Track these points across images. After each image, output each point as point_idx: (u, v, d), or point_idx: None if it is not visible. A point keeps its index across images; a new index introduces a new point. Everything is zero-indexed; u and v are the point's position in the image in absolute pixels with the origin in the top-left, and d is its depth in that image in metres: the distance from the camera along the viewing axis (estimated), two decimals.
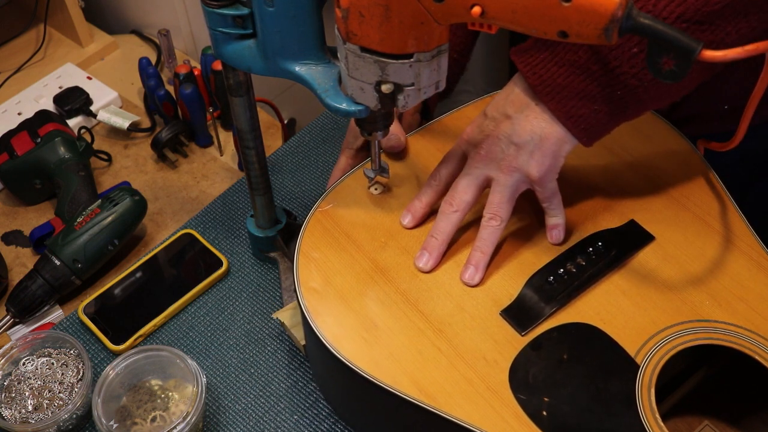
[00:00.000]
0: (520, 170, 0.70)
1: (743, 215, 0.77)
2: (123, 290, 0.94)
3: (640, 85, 0.67)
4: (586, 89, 0.67)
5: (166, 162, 1.11)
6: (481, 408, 0.65)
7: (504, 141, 0.71)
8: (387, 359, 0.68)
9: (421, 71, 0.63)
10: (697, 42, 0.54)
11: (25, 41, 1.28)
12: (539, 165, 0.70)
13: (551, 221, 0.75)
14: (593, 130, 0.70)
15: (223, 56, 0.71)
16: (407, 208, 0.77)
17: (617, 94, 0.68)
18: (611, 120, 0.70)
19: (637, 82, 0.67)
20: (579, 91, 0.67)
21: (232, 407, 0.85)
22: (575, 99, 0.68)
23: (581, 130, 0.69)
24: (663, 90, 0.68)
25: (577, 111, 0.68)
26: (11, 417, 0.82)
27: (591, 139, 0.70)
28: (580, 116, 0.68)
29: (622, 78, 0.66)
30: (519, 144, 0.70)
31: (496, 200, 0.72)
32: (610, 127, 0.70)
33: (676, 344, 0.68)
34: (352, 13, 0.59)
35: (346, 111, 0.68)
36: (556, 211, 0.74)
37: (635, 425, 0.64)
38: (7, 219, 1.06)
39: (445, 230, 0.74)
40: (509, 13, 0.56)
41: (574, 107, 0.68)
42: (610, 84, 0.67)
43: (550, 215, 0.75)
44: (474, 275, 0.73)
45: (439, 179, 0.77)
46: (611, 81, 0.67)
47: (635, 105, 0.69)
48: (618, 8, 0.53)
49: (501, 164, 0.71)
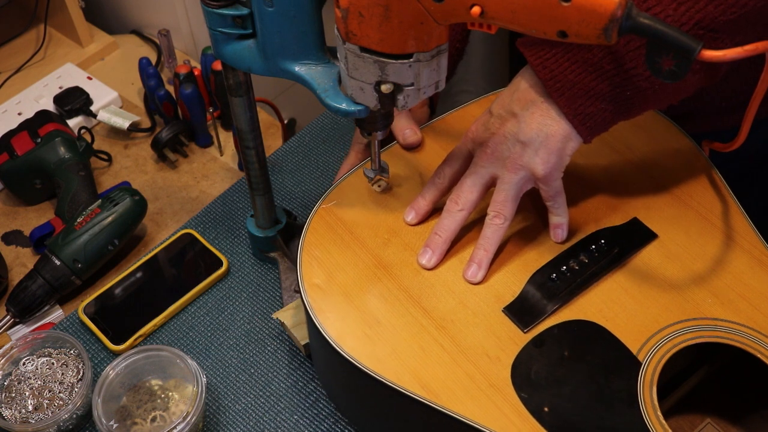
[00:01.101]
0: (525, 168, 0.70)
1: (746, 213, 0.76)
2: (123, 290, 0.93)
3: (650, 87, 0.67)
4: (596, 88, 0.67)
5: (166, 162, 1.11)
6: (483, 405, 0.65)
7: (510, 139, 0.70)
8: (389, 356, 0.68)
9: (420, 71, 0.63)
10: (696, 42, 0.54)
11: (25, 41, 1.28)
12: (545, 162, 0.69)
13: (555, 220, 0.75)
14: (596, 129, 0.70)
15: (223, 56, 0.71)
16: (411, 205, 0.77)
17: (626, 95, 0.67)
18: (614, 119, 0.70)
19: (648, 84, 0.66)
20: (589, 89, 0.67)
21: (232, 407, 0.84)
22: (584, 97, 0.68)
23: (586, 128, 0.69)
24: (668, 92, 0.68)
25: (585, 109, 0.68)
26: (11, 417, 0.81)
27: (592, 136, 0.70)
28: (587, 114, 0.68)
29: (635, 80, 0.66)
30: (525, 142, 0.70)
31: (500, 198, 0.72)
32: (610, 126, 0.70)
33: (678, 342, 0.68)
34: (351, 13, 0.59)
35: (346, 111, 0.68)
36: (560, 210, 0.74)
37: (637, 423, 0.64)
38: (7, 219, 1.05)
39: (450, 228, 0.74)
40: (509, 13, 0.56)
41: (582, 105, 0.68)
42: (622, 84, 0.67)
43: (554, 214, 0.74)
44: (477, 273, 0.73)
45: (443, 177, 0.76)
46: (623, 81, 0.67)
47: (639, 106, 0.69)
48: (617, 8, 0.53)
49: (506, 162, 0.71)
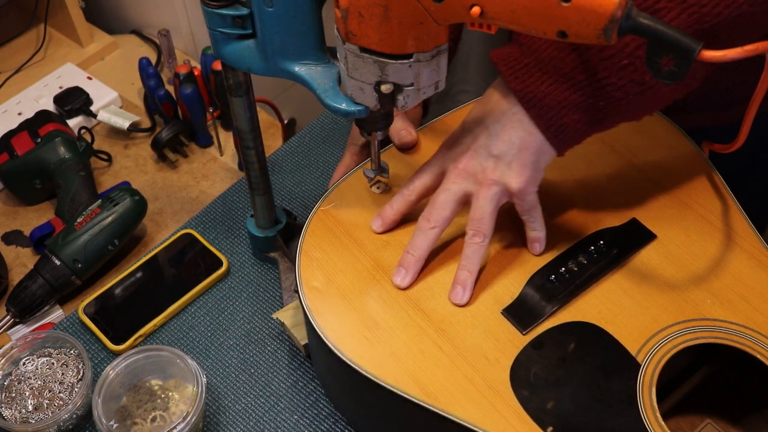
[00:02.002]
0: (498, 183, 0.69)
1: (745, 213, 0.76)
2: (123, 290, 0.93)
3: (624, 98, 0.66)
4: (569, 98, 0.66)
5: (166, 162, 1.11)
6: (483, 407, 0.65)
7: (482, 154, 0.69)
8: (388, 358, 0.68)
9: (420, 71, 0.63)
10: (696, 42, 0.54)
11: (25, 41, 1.28)
12: (519, 176, 0.68)
13: (532, 234, 0.73)
14: (569, 140, 0.69)
15: (223, 56, 0.71)
16: (379, 213, 0.76)
17: (599, 105, 0.67)
18: (587, 130, 0.69)
19: (622, 94, 0.66)
20: (561, 99, 0.66)
21: (232, 407, 0.85)
22: (557, 107, 0.67)
23: (559, 140, 0.68)
24: (644, 103, 0.68)
25: (558, 120, 0.67)
26: (11, 417, 0.82)
27: (564, 149, 0.69)
28: (560, 126, 0.67)
29: (608, 89, 0.66)
30: (497, 155, 0.69)
31: (477, 216, 0.70)
32: (583, 138, 0.69)
33: (677, 343, 0.68)
34: (351, 14, 0.59)
35: (346, 111, 0.68)
36: (536, 223, 0.73)
37: (636, 424, 0.64)
38: (7, 219, 1.05)
39: (422, 247, 0.72)
40: (508, 13, 0.56)
41: (555, 116, 0.67)
42: (594, 95, 0.66)
43: (531, 228, 0.73)
44: (462, 295, 0.71)
45: (412, 191, 0.75)
46: (596, 92, 0.66)
47: (613, 117, 0.68)
48: (617, 8, 0.53)
49: (479, 178, 0.69)
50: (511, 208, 0.73)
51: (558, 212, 0.77)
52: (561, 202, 0.78)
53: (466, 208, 0.72)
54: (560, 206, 0.78)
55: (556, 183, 0.79)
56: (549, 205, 0.75)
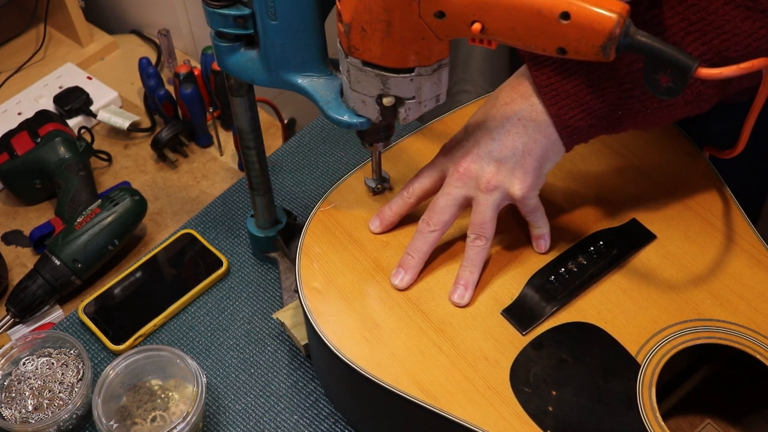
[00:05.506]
0: (500, 188, 0.69)
1: (745, 213, 0.76)
2: (123, 290, 0.94)
3: (642, 111, 0.67)
4: (590, 102, 0.67)
5: (166, 162, 1.11)
6: (482, 407, 0.65)
7: (484, 158, 0.69)
8: (388, 359, 0.68)
9: (422, 85, 0.63)
10: (693, 59, 0.54)
11: (25, 41, 1.28)
12: (521, 182, 0.69)
13: (536, 232, 0.74)
14: (579, 141, 0.69)
15: (227, 68, 0.71)
16: (378, 213, 0.76)
17: (617, 114, 0.67)
18: (598, 133, 0.69)
19: (642, 107, 0.66)
20: (583, 102, 0.67)
21: (232, 407, 0.85)
22: (577, 109, 0.67)
23: (571, 140, 0.68)
24: (659, 118, 0.68)
25: (575, 122, 0.67)
26: (11, 417, 0.82)
27: (571, 146, 0.70)
28: (576, 128, 0.68)
29: (630, 102, 0.66)
30: (500, 160, 0.68)
31: (478, 221, 0.70)
32: (590, 139, 0.70)
33: (677, 343, 0.68)
34: (354, 28, 0.60)
35: (348, 123, 0.68)
36: (540, 222, 0.73)
37: (636, 424, 0.64)
38: (7, 219, 1.05)
39: (422, 249, 0.72)
40: (509, 30, 0.57)
41: (573, 117, 0.67)
42: (615, 103, 0.67)
43: (535, 227, 0.74)
44: (464, 295, 0.71)
45: (411, 194, 0.75)
46: (618, 101, 0.66)
47: (626, 126, 0.69)
48: (615, 26, 0.54)
49: (480, 182, 0.69)
50: (511, 209, 0.73)
51: (558, 213, 0.77)
52: (561, 203, 0.78)
53: (466, 210, 0.72)
54: (560, 207, 0.78)
55: (556, 183, 0.79)
56: (549, 206, 0.75)
